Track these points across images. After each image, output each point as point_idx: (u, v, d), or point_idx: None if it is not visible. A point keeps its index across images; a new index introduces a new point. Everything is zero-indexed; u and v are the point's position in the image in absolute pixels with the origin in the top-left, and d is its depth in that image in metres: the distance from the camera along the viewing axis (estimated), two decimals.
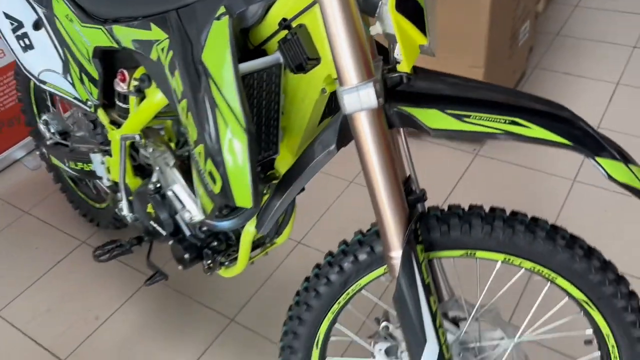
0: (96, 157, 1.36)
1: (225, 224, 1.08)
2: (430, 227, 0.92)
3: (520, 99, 0.84)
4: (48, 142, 1.64)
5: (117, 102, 1.22)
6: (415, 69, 0.86)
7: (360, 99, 0.76)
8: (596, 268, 0.90)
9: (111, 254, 1.32)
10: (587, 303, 0.93)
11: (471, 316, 1.03)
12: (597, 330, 0.97)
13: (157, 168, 1.19)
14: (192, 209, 1.11)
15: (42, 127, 1.64)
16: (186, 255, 1.20)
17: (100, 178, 1.40)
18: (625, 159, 0.79)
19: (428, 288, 0.87)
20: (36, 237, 1.93)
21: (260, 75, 0.89)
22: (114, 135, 1.27)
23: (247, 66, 0.87)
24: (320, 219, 1.85)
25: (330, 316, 1.03)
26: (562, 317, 1.03)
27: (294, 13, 0.85)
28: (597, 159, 0.77)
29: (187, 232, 1.21)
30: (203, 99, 0.86)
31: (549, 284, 0.96)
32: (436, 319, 0.89)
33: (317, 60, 0.86)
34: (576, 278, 0.91)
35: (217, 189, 0.87)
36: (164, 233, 1.22)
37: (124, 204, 1.30)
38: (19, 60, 1.35)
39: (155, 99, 1.13)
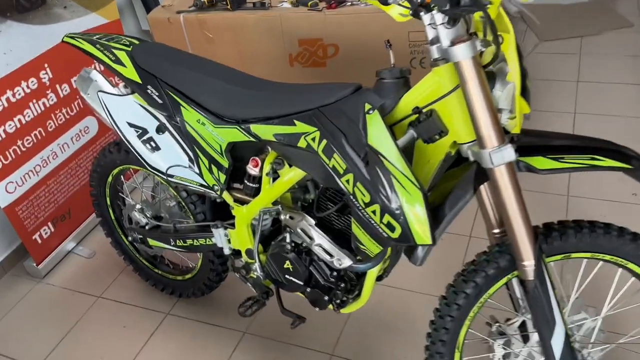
0: (219, 232, 1.61)
1: (366, 266, 1.37)
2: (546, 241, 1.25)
3: (590, 142, 1.20)
4: (147, 227, 1.85)
5: (247, 183, 1.50)
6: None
7: (503, 156, 1.10)
8: None
9: (252, 309, 1.56)
10: None
11: (569, 305, 1.35)
12: None
13: (293, 230, 1.46)
14: (340, 257, 1.38)
15: (137, 214, 1.86)
16: (325, 298, 1.47)
17: (221, 249, 1.64)
18: None
19: (552, 284, 1.20)
20: (119, 317, 2.09)
21: (405, 147, 1.21)
22: (240, 211, 1.53)
23: (400, 142, 1.18)
24: None
25: (467, 323, 1.33)
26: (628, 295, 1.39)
27: (425, 103, 1.17)
28: None
29: (321, 280, 1.48)
30: (375, 171, 1.16)
31: (620, 270, 1.32)
32: (559, 305, 1.21)
33: (446, 133, 1.19)
34: None
35: (395, 235, 1.17)
36: (300, 283, 1.49)
37: (257, 266, 1.55)
38: (147, 161, 1.59)
39: (287, 177, 1.41)
